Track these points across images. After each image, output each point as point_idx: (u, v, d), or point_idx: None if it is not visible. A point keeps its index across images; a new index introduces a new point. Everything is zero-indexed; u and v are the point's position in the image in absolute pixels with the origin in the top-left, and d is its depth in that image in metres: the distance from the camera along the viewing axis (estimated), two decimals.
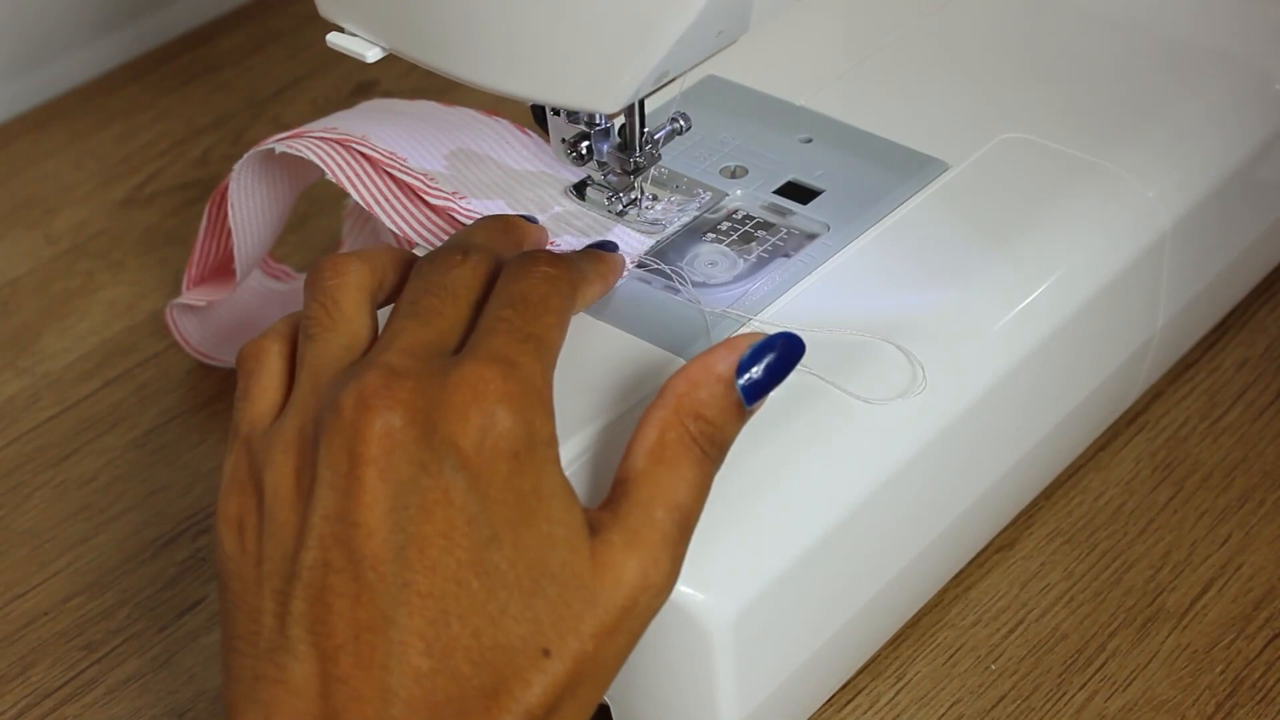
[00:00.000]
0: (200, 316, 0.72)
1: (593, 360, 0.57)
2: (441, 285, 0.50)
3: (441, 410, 0.47)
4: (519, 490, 0.47)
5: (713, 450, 0.49)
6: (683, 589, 0.52)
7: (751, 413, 0.50)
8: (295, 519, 0.48)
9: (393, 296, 0.53)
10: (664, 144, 0.62)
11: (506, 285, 0.50)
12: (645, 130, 0.61)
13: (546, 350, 0.49)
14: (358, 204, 0.66)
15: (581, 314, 0.58)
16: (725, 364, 0.49)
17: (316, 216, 0.83)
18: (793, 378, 0.51)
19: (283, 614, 0.47)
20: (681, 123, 0.62)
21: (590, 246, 0.59)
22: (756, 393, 0.50)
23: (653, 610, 0.48)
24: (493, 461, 0.47)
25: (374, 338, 0.51)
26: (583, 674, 0.47)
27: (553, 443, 0.48)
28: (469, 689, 0.46)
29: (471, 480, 0.46)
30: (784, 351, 0.50)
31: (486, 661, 0.46)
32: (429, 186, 0.61)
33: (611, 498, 0.49)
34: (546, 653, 0.47)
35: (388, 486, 0.46)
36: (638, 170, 0.61)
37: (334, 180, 0.61)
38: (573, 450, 0.54)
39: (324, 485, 0.47)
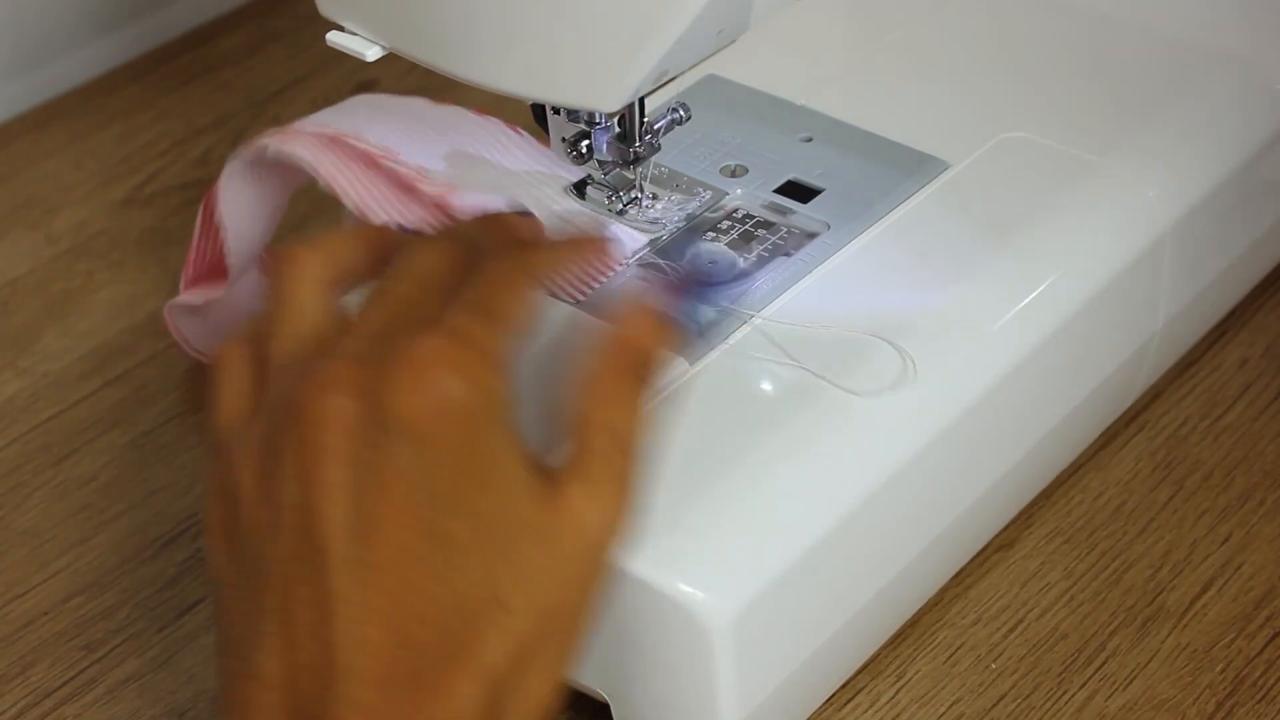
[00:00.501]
0: (198, 316, 0.72)
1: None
2: (408, 271, 0.50)
3: (390, 386, 0.46)
4: (472, 454, 0.47)
5: (644, 372, 0.50)
6: (683, 588, 0.52)
7: (692, 331, 0.52)
8: (265, 515, 0.48)
9: (366, 274, 0.52)
10: (664, 134, 0.62)
11: (474, 266, 0.51)
12: (645, 120, 0.61)
13: (500, 318, 0.49)
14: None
15: (576, 311, 0.58)
16: (652, 294, 0.51)
17: (317, 216, 0.83)
18: (788, 375, 0.50)
19: (257, 612, 0.47)
20: (681, 113, 0.62)
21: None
22: (691, 308, 0.52)
23: (613, 548, 0.48)
24: (442, 429, 0.46)
25: (335, 325, 0.50)
26: (547, 628, 0.47)
27: (505, 404, 0.48)
28: (428, 657, 0.46)
29: (421, 450, 0.46)
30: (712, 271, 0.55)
31: (445, 626, 0.46)
32: (423, 179, 0.60)
33: (568, 444, 0.49)
34: (504, 607, 0.47)
35: (344, 471, 0.46)
36: (637, 160, 0.61)
37: (325, 187, 0.61)
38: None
39: (286, 478, 0.47)
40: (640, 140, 0.61)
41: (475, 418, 0.47)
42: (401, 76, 0.90)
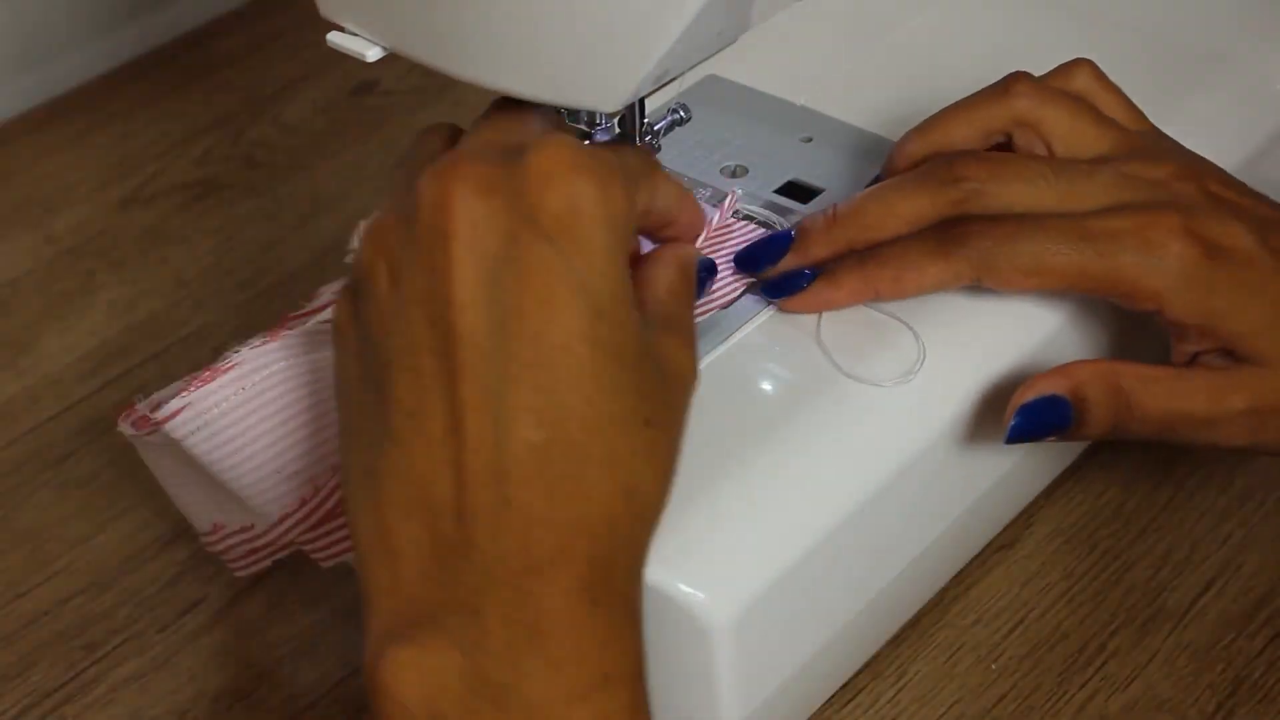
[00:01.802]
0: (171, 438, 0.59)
1: None
2: (518, 111, 0.51)
3: (523, 181, 0.46)
4: (616, 264, 0.47)
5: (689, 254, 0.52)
6: (683, 589, 0.52)
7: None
8: (385, 308, 0.47)
9: None
10: (664, 134, 0.62)
11: None
12: (645, 120, 0.61)
13: (625, 165, 0.49)
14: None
15: None
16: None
17: (316, 216, 0.83)
18: (788, 377, 0.50)
19: (384, 402, 0.46)
20: (682, 113, 0.62)
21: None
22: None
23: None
24: (590, 229, 0.46)
25: None
26: (675, 454, 0.48)
27: (630, 235, 0.48)
28: (585, 460, 0.45)
29: (569, 248, 0.46)
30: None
31: (600, 430, 0.46)
32: None
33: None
34: (649, 423, 0.46)
35: (475, 260, 0.46)
36: None
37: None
38: None
39: (410, 267, 0.46)
40: (640, 141, 0.61)
41: (617, 227, 0.47)
42: (401, 76, 0.90)
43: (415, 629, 0.45)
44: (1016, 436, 0.55)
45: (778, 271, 0.59)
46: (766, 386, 0.57)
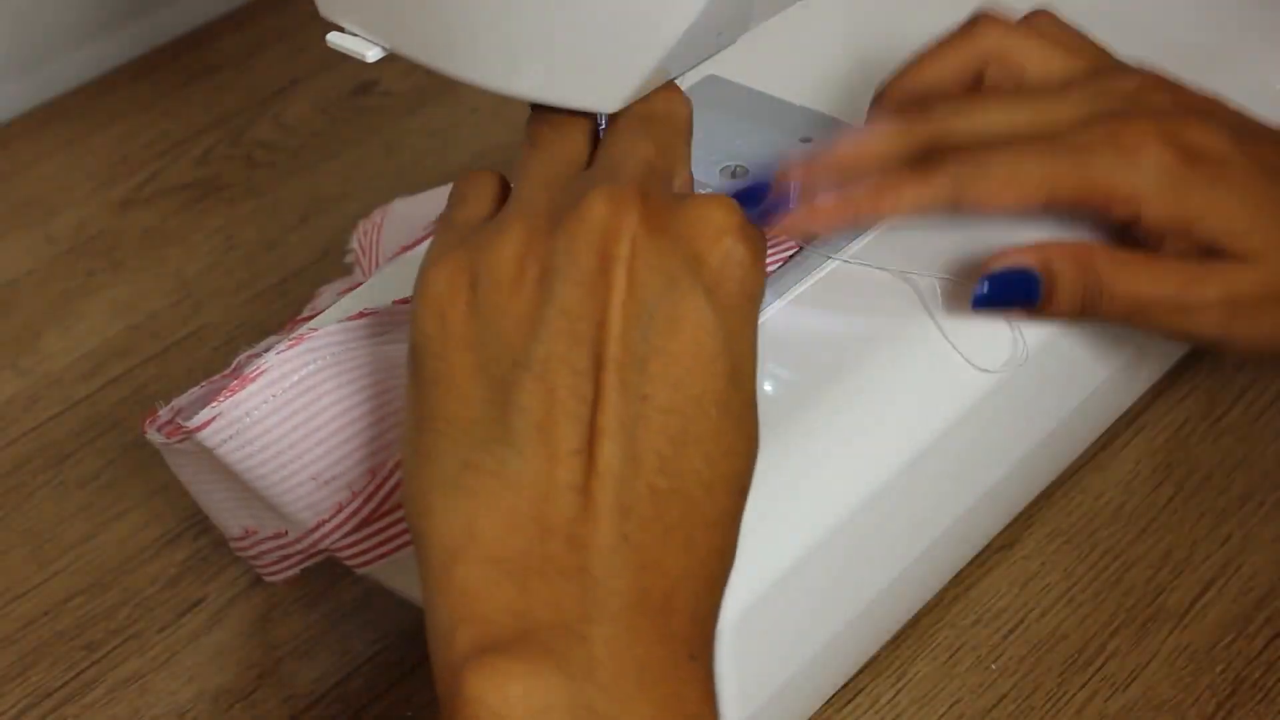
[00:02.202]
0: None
1: None
2: (666, 114, 0.51)
3: (690, 229, 0.46)
4: (750, 334, 0.47)
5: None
6: None
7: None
8: (521, 308, 0.46)
9: None
10: None
11: None
12: None
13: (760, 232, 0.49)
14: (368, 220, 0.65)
15: None
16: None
17: (316, 216, 0.83)
18: (788, 377, 0.50)
19: (504, 404, 0.45)
20: None
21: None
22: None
23: None
24: (740, 296, 0.46)
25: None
26: (737, 532, 0.47)
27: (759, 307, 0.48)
28: (696, 516, 0.45)
29: (719, 307, 0.46)
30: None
31: (715, 491, 0.45)
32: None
33: None
34: (743, 492, 0.47)
35: (636, 291, 0.45)
36: None
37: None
38: None
39: (563, 279, 0.45)
40: None
41: (757, 298, 0.47)
42: (402, 77, 0.90)
43: (518, 644, 0.44)
44: (983, 304, 0.56)
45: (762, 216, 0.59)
46: (767, 387, 0.57)
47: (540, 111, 0.52)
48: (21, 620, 0.64)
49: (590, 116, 0.52)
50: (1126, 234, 0.58)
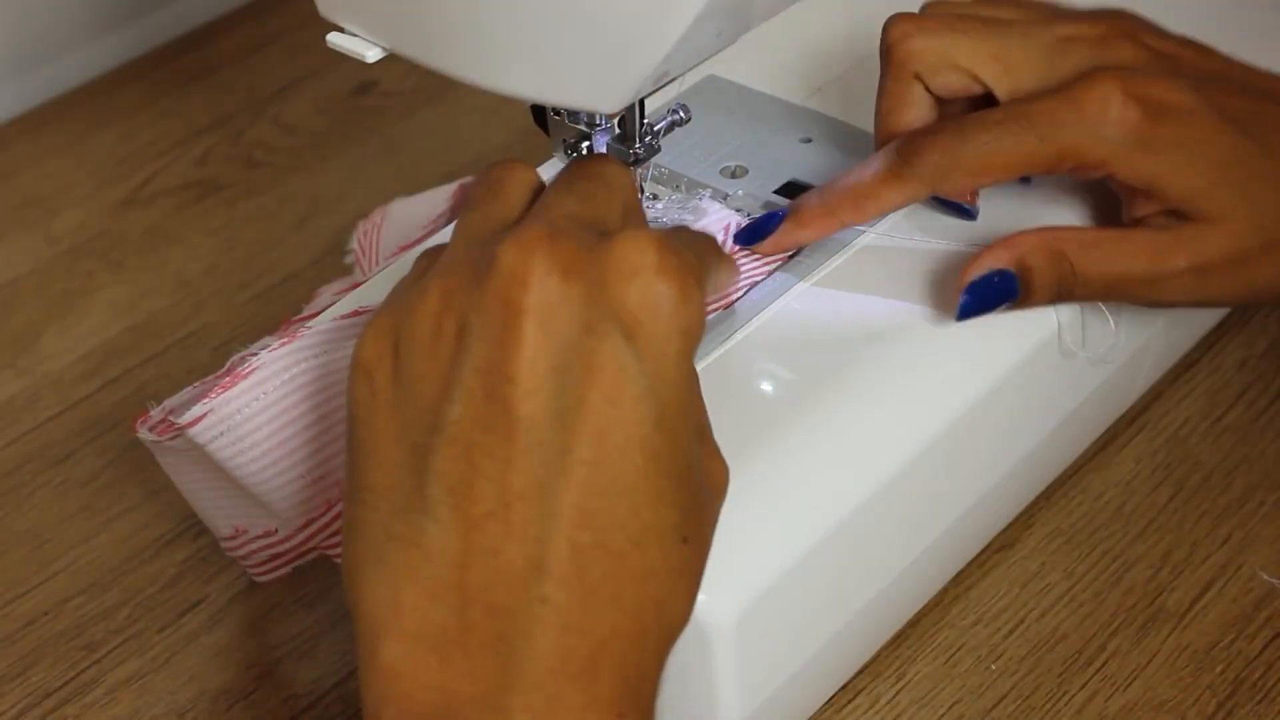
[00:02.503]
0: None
1: None
2: (599, 173, 0.49)
3: (607, 271, 0.44)
4: (683, 374, 0.45)
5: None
6: None
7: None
8: (437, 369, 0.44)
9: None
10: (664, 135, 0.62)
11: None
12: (645, 121, 0.61)
13: (703, 264, 0.48)
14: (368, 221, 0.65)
15: None
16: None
17: (316, 216, 0.83)
18: (788, 375, 0.50)
19: (421, 470, 0.44)
20: (681, 114, 0.62)
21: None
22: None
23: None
24: (665, 336, 0.44)
25: None
26: (703, 569, 0.46)
27: (699, 339, 0.46)
28: (622, 571, 0.44)
29: (641, 351, 0.44)
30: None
31: (643, 543, 0.44)
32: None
33: None
34: (686, 541, 0.45)
35: (548, 342, 0.43)
36: (637, 162, 0.61)
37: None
38: None
39: (475, 336, 0.44)
40: (640, 141, 0.61)
41: (690, 335, 0.45)
42: (402, 77, 0.90)
43: None
44: (967, 313, 0.57)
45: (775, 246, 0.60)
46: (766, 387, 0.57)
47: (480, 179, 0.51)
48: (21, 620, 0.64)
49: (530, 176, 0.51)
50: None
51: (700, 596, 0.52)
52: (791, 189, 0.64)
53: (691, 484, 0.45)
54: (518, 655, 0.43)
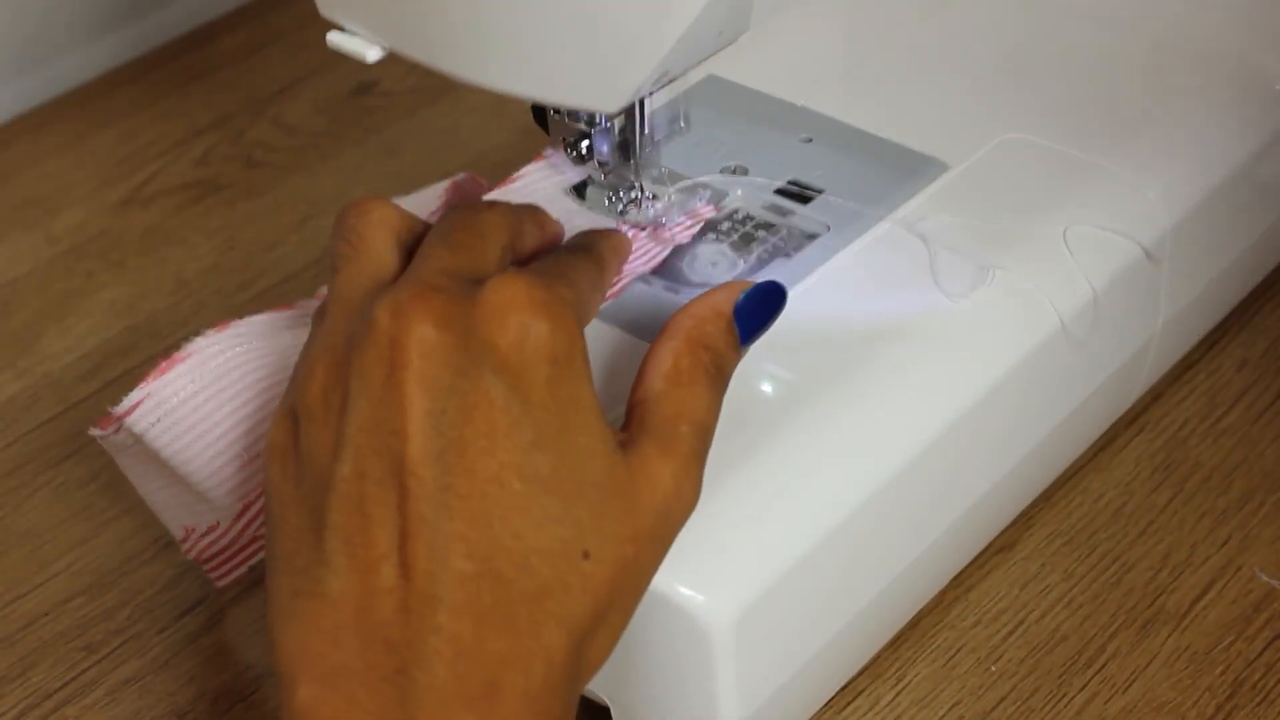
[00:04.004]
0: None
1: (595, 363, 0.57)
2: (471, 223, 0.51)
3: (477, 317, 0.47)
4: (558, 396, 0.47)
5: (719, 379, 0.51)
6: (683, 590, 0.52)
7: (744, 352, 0.53)
8: (328, 435, 0.47)
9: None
10: (665, 143, 0.62)
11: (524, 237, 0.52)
12: (645, 130, 0.61)
13: (576, 288, 0.49)
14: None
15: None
16: (727, 304, 0.52)
17: (316, 216, 0.83)
18: (787, 377, 0.50)
19: (319, 529, 0.47)
20: (682, 122, 0.62)
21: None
22: (749, 332, 0.52)
23: (681, 522, 0.49)
24: (533, 365, 0.47)
25: (401, 272, 0.51)
26: (623, 582, 0.47)
27: (586, 359, 0.48)
28: (513, 593, 0.46)
29: (512, 383, 0.46)
30: (772, 299, 0.53)
31: (529, 564, 0.46)
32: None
33: (634, 418, 0.50)
34: (587, 556, 0.46)
35: (426, 392, 0.46)
36: (637, 161, 0.61)
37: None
38: None
39: (358, 397, 0.47)
40: (639, 147, 0.61)
41: (561, 360, 0.47)
42: (402, 77, 0.90)
43: None
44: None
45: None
46: (766, 387, 0.57)
47: (338, 229, 0.52)
48: (21, 621, 0.64)
49: (387, 213, 0.52)
50: None
51: (700, 597, 0.52)
52: (791, 189, 0.64)
53: (595, 498, 0.47)
54: (417, 686, 0.45)
